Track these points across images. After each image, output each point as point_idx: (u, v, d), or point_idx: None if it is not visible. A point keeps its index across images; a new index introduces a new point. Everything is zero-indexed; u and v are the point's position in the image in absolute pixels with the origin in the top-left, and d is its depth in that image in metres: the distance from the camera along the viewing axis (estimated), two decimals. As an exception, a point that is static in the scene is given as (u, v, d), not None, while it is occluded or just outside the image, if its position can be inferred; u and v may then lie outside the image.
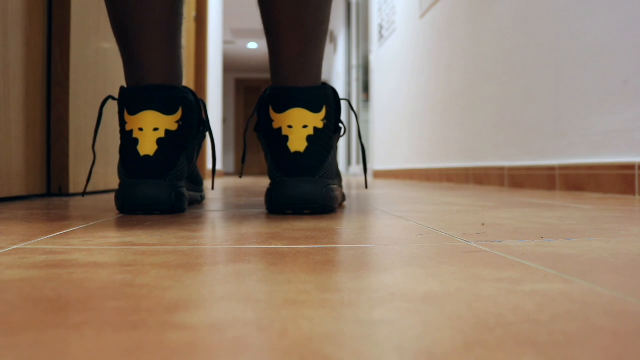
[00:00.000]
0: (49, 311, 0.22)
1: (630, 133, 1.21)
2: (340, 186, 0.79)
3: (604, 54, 1.30)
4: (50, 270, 0.31)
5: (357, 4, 5.44)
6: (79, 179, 1.23)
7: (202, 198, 0.92)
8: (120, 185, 0.69)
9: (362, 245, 0.42)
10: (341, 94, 6.28)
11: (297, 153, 0.68)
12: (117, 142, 1.47)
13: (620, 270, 0.31)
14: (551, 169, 1.51)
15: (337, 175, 0.76)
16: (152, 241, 0.43)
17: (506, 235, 0.48)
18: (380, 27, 3.84)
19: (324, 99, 0.71)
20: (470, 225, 0.55)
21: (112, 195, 1.20)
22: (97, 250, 0.39)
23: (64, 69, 1.17)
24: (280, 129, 0.70)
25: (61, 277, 0.29)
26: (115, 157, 1.45)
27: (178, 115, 0.71)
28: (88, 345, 0.18)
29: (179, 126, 0.71)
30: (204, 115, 0.81)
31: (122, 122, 0.72)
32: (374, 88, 4.15)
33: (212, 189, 0.79)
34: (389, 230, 0.52)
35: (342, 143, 6.02)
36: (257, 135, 0.76)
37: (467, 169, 2.14)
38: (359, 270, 0.31)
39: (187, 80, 3.13)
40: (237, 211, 0.75)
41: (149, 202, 0.67)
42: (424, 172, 2.72)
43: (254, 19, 5.27)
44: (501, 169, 1.84)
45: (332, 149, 0.72)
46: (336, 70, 6.97)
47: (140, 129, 0.69)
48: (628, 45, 1.22)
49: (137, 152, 0.69)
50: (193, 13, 3.30)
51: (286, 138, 0.69)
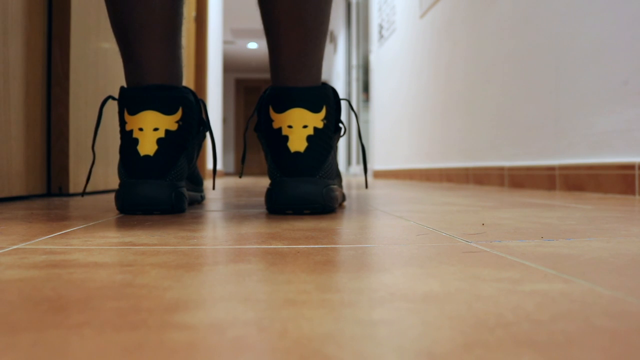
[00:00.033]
0: (49, 311, 0.22)
1: (630, 133, 1.21)
2: (340, 186, 0.79)
3: (603, 54, 1.30)
4: (50, 270, 0.31)
5: (357, 4, 5.44)
6: (79, 179, 1.23)
7: (202, 198, 0.92)
8: (120, 185, 0.69)
9: (362, 245, 0.42)
10: (341, 94, 6.28)
11: (297, 153, 0.68)
12: (117, 142, 1.47)
13: (620, 270, 0.31)
14: (551, 169, 1.51)
15: (337, 175, 0.76)
16: (152, 241, 0.43)
17: (506, 235, 0.48)
18: (380, 27, 3.84)
19: (324, 99, 0.71)
20: (470, 225, 0.55)
21: (112, 195, 1.20)
22: (97, 250, 0.39)
23: (64, 69, 1.17)
24: (280, 129, 0.70)
25: (61, 277, 0.29)
26: (115, 157, 1.45)
27: (178, 115, 0.71)
28: (88, 345, 0.18)
29: (179, 126, 0.71)
30: (204, 115, 0.81)
31: (122, 122, 0.72)
32: (374, 88, 4.15)
33: (213, 189, 0.79)
34: (389, 230, 0.52)
35: (342, 143, 6.02)
36: (257, 135, 0.76)
37: (467, 169, 2.14)
38: (359, 270, 0.31)
39: (187, 80, 3.13)
40: (237, 211, 0.75)
41: (149, 202, 0.67)
42: (424, 172, 2.72)
43: (254, 19, 5.27)
44: (501, 169, 1.84)
45: (332, 149, 0.72)
46: (336, 70, 6.97)
47: (140, 129, 0.69)
48: (628, 45, 1.22)
49: (137, 152, 0.69)
50: (193, 13, 3.30)
51: (286, 138, 0.69)
